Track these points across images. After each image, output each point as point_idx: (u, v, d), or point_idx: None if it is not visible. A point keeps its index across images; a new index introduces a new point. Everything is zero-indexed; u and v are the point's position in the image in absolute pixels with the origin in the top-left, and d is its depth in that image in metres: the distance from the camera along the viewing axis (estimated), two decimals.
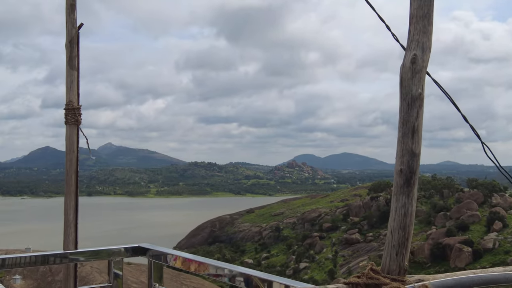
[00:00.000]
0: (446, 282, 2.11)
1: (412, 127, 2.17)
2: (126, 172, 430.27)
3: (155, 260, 3.50)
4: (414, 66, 2.19)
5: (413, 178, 2.17)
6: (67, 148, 3.77)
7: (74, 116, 3.76)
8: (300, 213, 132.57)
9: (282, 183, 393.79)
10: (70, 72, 3.83)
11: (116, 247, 3.60)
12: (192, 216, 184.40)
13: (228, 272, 2.94)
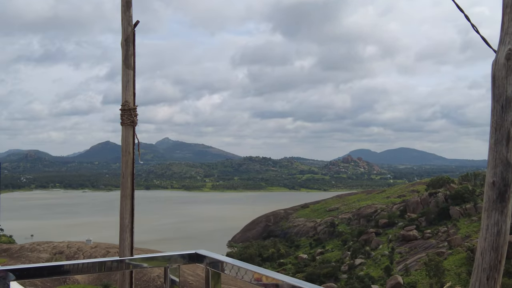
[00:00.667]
0: None
1: (507, 133, 1.87)
2: (182, 167, 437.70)
3: (212, 268, 3.34)
4: (509, 63, 1.94)
5: (508, 192, 1.89)
6: (123, 149, 3.66)
7: (130, 117, 3.64)
8: (356, 208, 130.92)
9: (337, 178, 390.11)
10: (126, 71, 3.71)
11: (173, 253, 3.47)
12: (247, 211, 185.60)
13: (284, 284, 2.75)
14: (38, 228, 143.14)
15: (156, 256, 3.47)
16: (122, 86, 3.76)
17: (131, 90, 3.74)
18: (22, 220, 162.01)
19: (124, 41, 3.76)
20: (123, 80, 3.76)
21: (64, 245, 75.45)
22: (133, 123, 3.69)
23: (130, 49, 3.76)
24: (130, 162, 3.71)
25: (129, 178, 3.69)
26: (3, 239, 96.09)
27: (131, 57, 3.76)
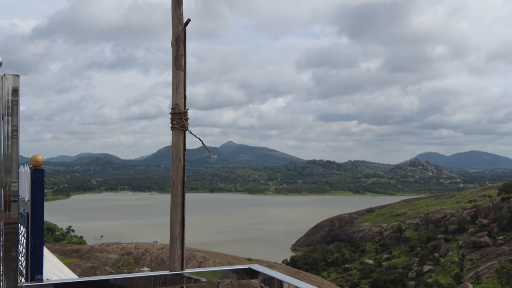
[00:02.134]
0: None
1: None
2: (246, 170, 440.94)
3: (267, 286, 3.06)
4: None
5: None
6: (173, 156, 3.45)
7: (180, 121, 3.42)
8: (424, 213, 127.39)
9: (403, 182, 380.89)
10: (176, 73, 3.50)
11: (225, 268, 3.22)
12: (311, 214, 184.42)
13: None
14: (108, 229, 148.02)
15: (207, 270, 3.23)
16: (172, 88, 3.54)
17: (181, 92, 3.51)
18: (92, 221, 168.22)
19: (175, 41, 3.54)
20: (173, 82, 3.54)
21: (132, 246, 77.43)
22: (184, 127, 3.46)
23: (181, 49, 3.53)
24: (181, 169, 3.47)
25: (179, 186, 3.46)
26: (74, 240, 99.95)
27: (182, 58, 3.53)
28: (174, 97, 3.50)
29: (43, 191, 3.08)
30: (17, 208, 2.96)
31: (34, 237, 3.08)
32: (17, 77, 2.88)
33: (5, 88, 2.90)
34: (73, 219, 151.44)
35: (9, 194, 2.93)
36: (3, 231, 2.95)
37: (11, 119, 2.92)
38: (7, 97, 2.91)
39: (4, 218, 2.92)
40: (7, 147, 2.92)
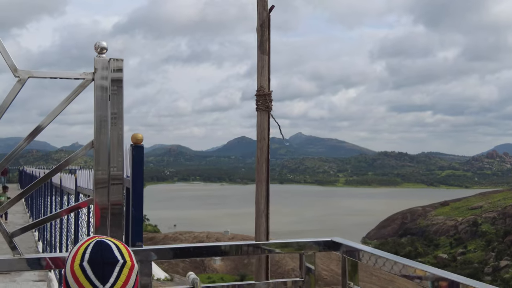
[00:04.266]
0: None
1: None
2: (315, 161, 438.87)
3: (348, 257, 3.22)
4: None
5: None
6: (258, 135, 3.67)
7: (265, 102, 3.64)
8: (502, 207, 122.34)
9: (480, 174, 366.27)
10: (261, 57, 3.71)
11: (308, 240, 3.41)
12: (382, 207, 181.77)
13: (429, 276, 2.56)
14: (181, 218, 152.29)
15: (291, 242, 3.43)
16: (258, 71, 3.76)
17: (266, 75, 3.73)
18: (166, 211, 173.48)
19: (260, 27, 3.77)
20: (258, 65, 3.77)
21: (204, 235, 79.61)
22: (268, 108, 3.68)
23: (265, 34, 3.76)
24: (265, 148, 3.70)
25: (264, 164, 3.69)
26: (149, 228, 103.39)
27: (266, 42, 3.76)
28: (259, 80, 3.73)
29: (142, 166, 3.40)
30: (121, 189, 3.31)
31: (135, 208, 3.40)
32: (121, 61, 3.19)
33: (110, 72, 3.22)
34: (148, 208, 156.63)
35: (114, 174, 3.27)
36: (111, 211, 3.29)
37: (116, 104, 3.23)
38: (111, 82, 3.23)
39: (110, 199, 3.26)
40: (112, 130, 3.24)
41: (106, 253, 1.64)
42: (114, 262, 1.62)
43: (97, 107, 3.23)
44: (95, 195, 3.25)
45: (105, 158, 3.23)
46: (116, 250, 1.66)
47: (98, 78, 3.19)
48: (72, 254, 1.67)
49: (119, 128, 3.24)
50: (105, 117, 3.22)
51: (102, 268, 1.60)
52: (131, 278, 1.64)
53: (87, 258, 1.62)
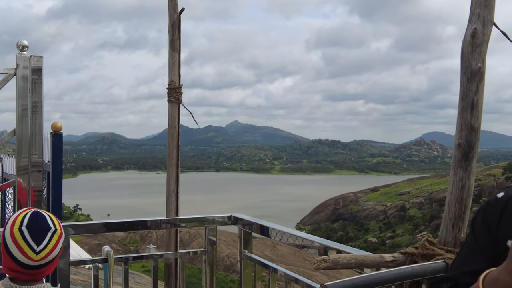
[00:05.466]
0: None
1: (471, 101, 2.15)
2: (251, 149, 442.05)
3: (244, 229, 3.76)
4: (474, 40, 2.15)
5: (471, 153, 2.16)
6: (169, 124, 4.14)
7: (175, 95, 4.10)
8: (428, 192, 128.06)
9: (408, 161, 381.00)
10: (172, 54, 4.16)
11: (211, 215, 3.91)
12: (316, 193, 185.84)
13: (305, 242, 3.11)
14: (115, 208, 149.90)
15: (196, 217, 3.94)
16: (169, 67, 4.23)
17: (176, 71, 4.20)
18: (100, 200, 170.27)
19: (171, 27, 4.22)
20: (169, 62, 4.23)
21: None
22: (178, 100, 4.15)
23: (176, 34, 4.22)
24: (176, 135, 4.18)
25: (174, 150, 4.17)
26: (81, 218, 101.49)
27: (177, 41, 4.22)
28: (170, 75, 4.20)
29: (61, 152, 3.83)
30: (41, 174, 3.77)
31: (55, 190, 3.82)
32: (41, 58, 3.59)
33: (30, 68, 3.61)
34: (80, 197, 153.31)
35: (35, 161, 3.71)
36: (32, 194, 3.74)
37: (36, 95, 3.65)
38: (32, 76, 3.63)
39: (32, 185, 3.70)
40: (33, 120, 3.65)
41: (41, 221, 1.99)
42: (47, 229, 1.99)
43: (18, 98, 3.61)
44: (17, 179, 3.64)
45: (26, 146, 3.62)
46: (49, 220, 2.03)
47: (20, 73, 3.57)
48: (11, 220, 2.01)
49: (39, 117, 3.63)
50: (26, 107, 3.61)
51: (37, 233, 1.96)
52: (59, 243, 2.03)
53: (25, 223, 1.96)
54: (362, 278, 1.92)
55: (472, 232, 1.36)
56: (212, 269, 3.92)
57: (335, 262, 2.11)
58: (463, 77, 2.18)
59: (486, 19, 2.15)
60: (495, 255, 1.18)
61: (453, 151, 2.23)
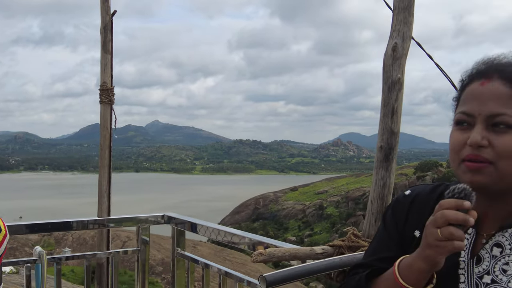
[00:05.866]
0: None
1: (391, 108, 2.41)
2: (172, 149, 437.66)
3: (178, 228, 3.87)
4: (394, 54, 2.40)
5: (391, 154, 2.42)
6: (101, 125, 4.17)
7: (107, 96, 4.14)
8: (345, 191, 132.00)
9: (326, 161, 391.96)
10: (104, 55, 4.20)
11: (144, 215, 3.98)
12: (237, 193, 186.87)
13: (240, 239, 3.27)
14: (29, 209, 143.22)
15: (129, 217, 3.98)
16: (101, 69, 4.26)
17: (108, 72, 4.24)
18: (10, 201, 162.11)
19: (103, 29, 4.25)
20: (102, 63, 4.26)
21: None
22: (111, 101, 4.20)
23: (108, 36, 4.26)
24: (108, 136, 4.22)
25: (106, 151, 4.21)
26: None
27: (109, 43, 4.26)
28: (102, 76, 4.23)
29: None
30: None
31: None
32: None
33: None
34: None
35: None
36: None
37: None
38: None
39: None
40: None
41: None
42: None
43: None
44: None
45: None
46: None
47: None
48: None
49: None
50: None
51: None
52: (3, 244, 2.00)
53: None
54: (297, 269, 2.06)
55: (383, 224, 1.52)
56: (144, 268, 4.00)
57: (271, 255, 2.28)
58: (385, 86, 2.43)
59: (405, 35, 2.40)
60: (403, 243, 1.39)
61: (376, 153, 2.47)
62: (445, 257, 1.18)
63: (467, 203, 1.14)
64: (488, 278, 1.25)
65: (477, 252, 1.29)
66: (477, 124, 1.23)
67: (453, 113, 1.36)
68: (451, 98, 1.40)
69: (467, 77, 1.36)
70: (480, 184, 1.22)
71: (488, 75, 1.28)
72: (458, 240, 1.13)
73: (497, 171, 1.21)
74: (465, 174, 1.24)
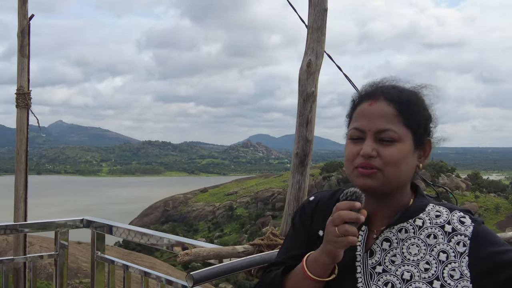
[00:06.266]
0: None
1: (306, 118, 2.66)
2: (77, 151, 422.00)
3: (98, 231, 3.92)
4: (309, 69, 2.66)
5: (306, 160, 2.67)
6: (17, 129, 4.13)
7: (24, 100, 4.10)
8: (254, 192, 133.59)
9: (236, 162, 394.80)
10: (21, 59, 4.16)
11: (62, 219, 3.99)
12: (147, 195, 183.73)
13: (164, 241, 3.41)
14: None
15: (47, 222, 3.98)
16: (18, 73, 4.21)
17: (25, 76, 4.20)
18: None
19: (20, 33, 4.20)
20: (18, 67, 4.21)
21: None
22: (27, 105, 4.16)
23: (25, 40, 4.21)
24: (24, 140, 4.18)
25: (23, 155, 4.16)
26: None
27: (26, 47, 4.21)
28: (19, 80, 4.19)
29: None
30: None
31: None
32: None
33: None
34: None
35: None
36: None
37: None
38: None
39: None
40: None
41: None
42: None
43: None
44: None
45: None
46: None
47: None
48: None
49: None
50: None
51: None
52: None
53: None
54: (222, 267, 2.26)
55: (292, 226, 1.79)
56: (62, 272, 4.01)
57: (197, 255, 2.45)
58: (300, 98, 2.68)
59: (318, 52, 2.67)
60: (310, 242, 1.66)
61: (292, 159, 2.71)
62: (344, 251, 1.46)
63: (358, 204, 1.42)
64: (380, 268, 1.52)
65: (370, 247, 1.57)
66: (367, 138, 1.53)
67: (346, 128, 1.67)
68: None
69: (358, 98, 1.65)
70: (371, 187, 1.52)
71: (375, 97, 1.56)
72: (352, 236, 1.40)
73: (384, 176, 1.50)
74: (358, 179, 1.54)
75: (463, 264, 1.46)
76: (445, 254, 1.49)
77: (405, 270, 1.49)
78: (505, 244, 1.48)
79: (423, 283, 1.45)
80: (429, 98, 1.62)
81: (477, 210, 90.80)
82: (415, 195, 1.65)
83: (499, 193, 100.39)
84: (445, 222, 1.54)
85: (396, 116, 1.52)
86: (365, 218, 1.43)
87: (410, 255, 1.51)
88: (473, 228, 1.51)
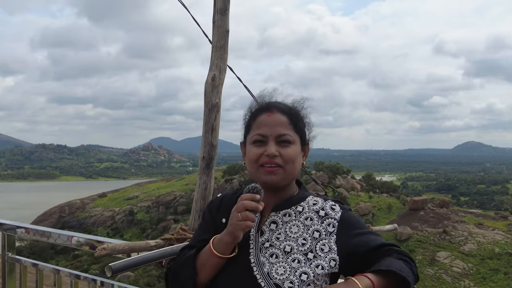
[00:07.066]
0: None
1: (211, 126, 3.03)
2: None
3: (7, 233, 4.03)
4: (213, 83, 3.03)
5: (211, 163, 3.04)
6: None
7: None
8: (155, 196, 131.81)
9: (137, 166, 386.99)
10: None
11: None
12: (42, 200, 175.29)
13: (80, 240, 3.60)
14: None
15: None
16: None
17: None
18: None
19: None
20: None
21: None
22: None
23: None
24: None
25: None
26: None
27: None
28: None
29: None
30: None
31: None
32: None
33: None
34: None
35: None
36: None
37: None
38: None
39: None
40: None
41: None
42: None
43: None
44: None
45: None
46: None
47: None
48: None
49: None
50: None
51: None
52: None
53: None
54: (137, 258, 2.60)
55: (203, 218, 2.15)
56: None
57: (113, 249, 2.73)
58: (206, 108, 3.04)
59: (221, 68, 3.05)
60: (216, 228, 2.01)
61: (199, 162, 3.06)
62: (243, 233, 1.83)
63: (258, 196, 1.81)
64: (267, 244, 1.90)
65: (261, 228, 1.96)
66: (270, 142, 1.93)
67: (243, 135, 2.09)
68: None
69: (256, 110, 2.04)
70: (274, 181, 1.93)
71: (271, 110, 1.99)
72: (251, 221, 1.79)
73: (285, 172, 1.92)
74: (264, 175, 1.93)
75: (332, 240, 1.87)
76: (318, 232, 1.89)
77: (287, 244, 1.87)
78: (366, 227, 1.95)
79: (300, 254, 1.84)
80: (307, 109, 2.06)
81: (371, 210, 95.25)
82: (299, 188, 2.07)
83: (391, 193, 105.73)
84: (320, 208, 1.96)
85: (289, 124, 1.95)
86: (262, 208, 1.82)
87: (292, 233, 1.90)
88: (341, 214, 1.94)
